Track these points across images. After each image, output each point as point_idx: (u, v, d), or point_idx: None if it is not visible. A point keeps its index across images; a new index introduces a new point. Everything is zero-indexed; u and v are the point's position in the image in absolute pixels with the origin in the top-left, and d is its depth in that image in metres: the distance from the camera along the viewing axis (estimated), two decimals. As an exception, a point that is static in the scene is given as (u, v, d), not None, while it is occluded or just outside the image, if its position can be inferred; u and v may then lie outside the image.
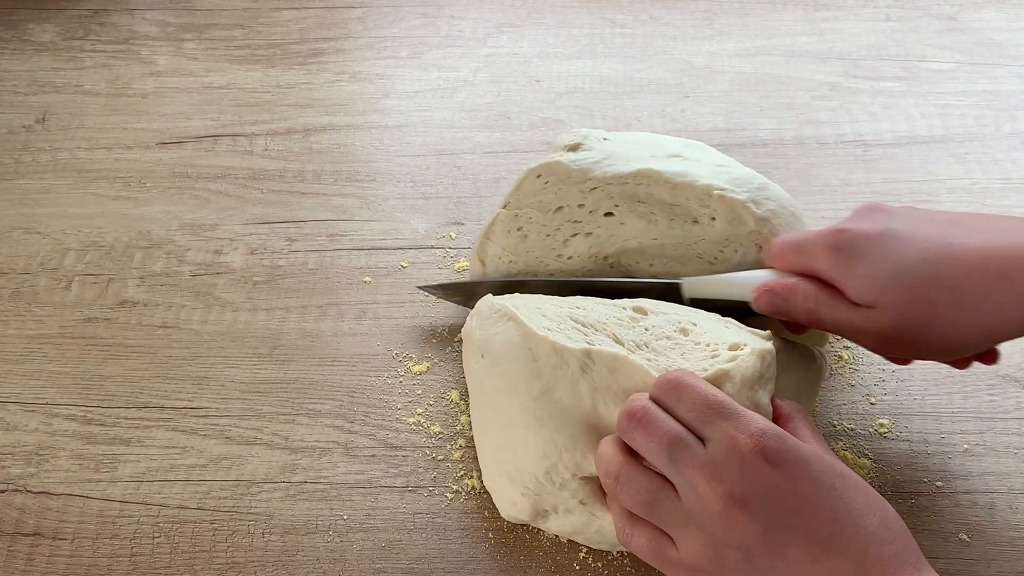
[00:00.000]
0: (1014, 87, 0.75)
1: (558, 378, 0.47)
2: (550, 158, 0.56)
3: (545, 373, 0.47)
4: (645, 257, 0.55)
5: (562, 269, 0.56)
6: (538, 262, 0.56)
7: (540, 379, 0.47)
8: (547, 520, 0.49)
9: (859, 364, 0.57)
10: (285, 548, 0.50)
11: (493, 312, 0.51)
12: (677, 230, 0.54)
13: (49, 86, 0.78)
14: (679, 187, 0.54)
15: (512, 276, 0.57)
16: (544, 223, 0.56)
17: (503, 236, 0.57)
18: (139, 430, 0.55)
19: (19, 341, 0.60)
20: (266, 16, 0.85)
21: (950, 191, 0.67)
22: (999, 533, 0.49)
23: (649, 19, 0.84)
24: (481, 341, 0.51)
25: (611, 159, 0.56)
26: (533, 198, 0.56)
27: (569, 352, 0.47)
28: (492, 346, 0.50)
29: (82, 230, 0.67)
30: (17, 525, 0.51)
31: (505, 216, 0.57)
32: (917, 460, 0.52)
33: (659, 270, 0.55)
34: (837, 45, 0.80)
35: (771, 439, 0.41)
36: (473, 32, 0.83)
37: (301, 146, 0.73)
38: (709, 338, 0.48)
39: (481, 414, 0.51)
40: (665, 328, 0.49)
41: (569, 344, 0.47)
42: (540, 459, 0.47)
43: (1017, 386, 0.55)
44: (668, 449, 0.42)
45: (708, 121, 0.74)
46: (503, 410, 0.49)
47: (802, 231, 0.50)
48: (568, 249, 0.56)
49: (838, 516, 0.40)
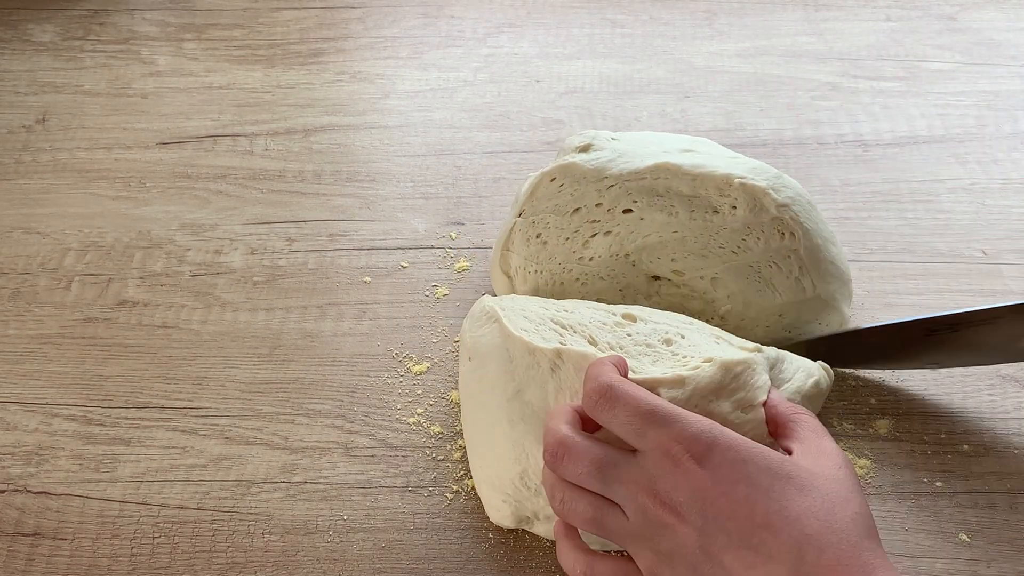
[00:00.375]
0: (1014, 87, 0.75)
1: (529, 378, 0.47)
2: (563, 160, 0.56)
3: (519, 374, 0.47)
4: (666, 252, 0.55)
5: (585, 272, 0.56)
6: (561, 268, 0.56)
7: (514, 380, 0.47)
8: (532, 526, 0.49)
9: (859, 364, 0.57)
10: (285, 548, 0.50)
11: (483, 314, 0.51)
12: (698, 221, 0.54)
13: (49, 86, 0.78)
14: (698, 178, 0.54)
15: (541, 287, 0.56)
16: (562, 227, 0.56)
17: (523, 245, 0.57)
18: (139, 430, 0.55)
19: (19, 341, 0.60)
20: (266, 16, 0.85)
21: (950, 191, 0.67)
22: (999, 533, 0.49)
23: (649, 19, 0.84)
24: (470, 343, 0.51)
25: (625, 156, 0.56)
26: (549, 202, 0.56)
27: (541, 352, 0.47)
28: (479, 348, 0.50)
29: (82, 230, 0.67)
30: (17, 525, 0.51)
31: (522, 224, 0.57)
32: (917, 460, 0.52)
33: (681, 265, 0.55)
34: (837, 45, 0.80)
35: (703, 442, 0.39)
36: (473, 32, 0.83)
37: (301, 146, 0.73)
38: (691, 351, 0.47)
39: (469, 417, 0.51)
40: (649, 336, 0.48)
41: (542, 344, 0.47)
42: (514, 462, 0.47)
43: (1017, 386, 0.55)
44: (599, 473, 0.41)
45: (708, 121, 0.74)
46: (484, 412, 0.49)
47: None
48: (589, 250, 0.56)
49: (771, 520, 0.38)
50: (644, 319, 0.50)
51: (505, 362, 0.48)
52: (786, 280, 0.54)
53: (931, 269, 0.62)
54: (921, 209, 0.66)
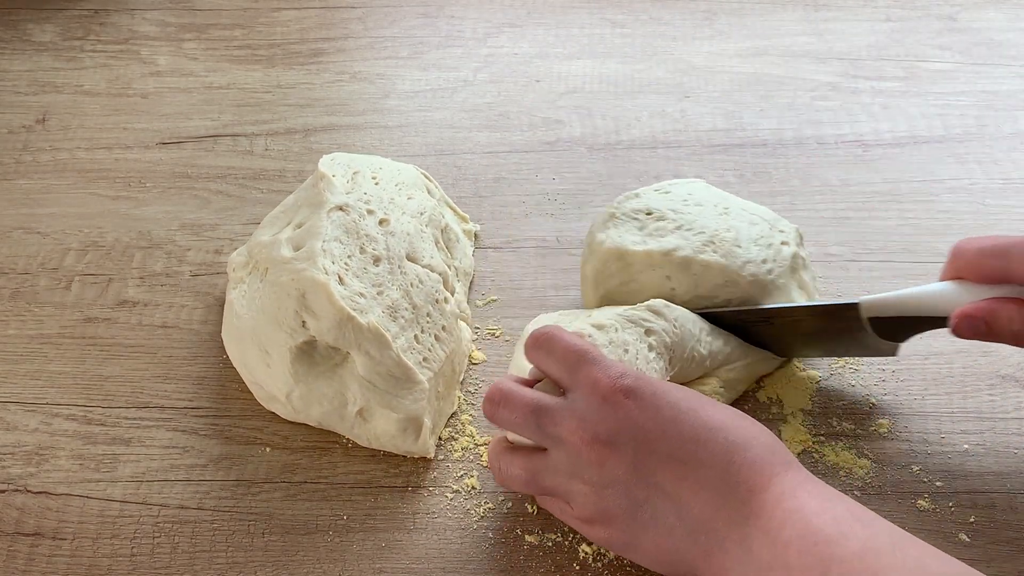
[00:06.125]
0: (1014, 87, 0.76)
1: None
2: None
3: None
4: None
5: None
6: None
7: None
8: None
9: (859, 364, 0.57)
10: (285, 548, 0.50)
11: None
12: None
13: (49, 86, 0.78)
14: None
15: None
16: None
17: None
18: (139, 430, 0.55)
19: (19, 341, 0.60)
20: (266, 16, 0.85)
21: (950, 191, 0.67)
22: (999, 533, 0.49)
23: (649, 19, 0.84)
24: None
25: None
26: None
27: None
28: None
29: (82, 230, 0.67)
30: (17, 525, 0.51)
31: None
32: (917, 460, 0.52)
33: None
34: (837, 45, 0.80)
35: (628, 377, 0.43)
36: (473, 32, 0.83)
37: (301, 146, 0.73)
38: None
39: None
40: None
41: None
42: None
43: (1017, 386, 0.55)
44: (533, 417, 0.45)
45: (708, 121, 0.74)
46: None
47: (991, 236, 0.47)
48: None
49: (698, 433, 0.42)
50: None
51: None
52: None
53: (931, 269, 0.62)
54: (921, 209, 0.66)
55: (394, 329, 0.52)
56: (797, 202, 0.67)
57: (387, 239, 0.55)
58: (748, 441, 0.42)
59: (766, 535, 0.39)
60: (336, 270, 0.52)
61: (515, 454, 0.46)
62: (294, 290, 0.51)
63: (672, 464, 0.42)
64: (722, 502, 0.41)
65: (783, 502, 0.40)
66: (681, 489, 0.41)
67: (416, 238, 0.56)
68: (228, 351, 0.57)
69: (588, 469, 0.43)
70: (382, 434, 0.52)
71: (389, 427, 0.52)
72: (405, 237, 0.56)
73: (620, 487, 0.43)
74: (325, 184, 0.56)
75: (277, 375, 0.53)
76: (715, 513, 0.41)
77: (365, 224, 0.55)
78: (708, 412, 0.43)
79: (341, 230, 0.54)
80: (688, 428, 0.42)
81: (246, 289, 0.56)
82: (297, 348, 0.52)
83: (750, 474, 0.41)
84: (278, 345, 0.52)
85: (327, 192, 0.55)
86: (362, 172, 0.59)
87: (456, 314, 0.56)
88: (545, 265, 0.63)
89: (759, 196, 0.66)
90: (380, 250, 0.54)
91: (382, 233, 0.55)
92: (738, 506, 0.40)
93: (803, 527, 0.38)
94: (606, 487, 0.43)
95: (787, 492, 0.40)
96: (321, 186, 0.56)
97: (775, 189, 0.68)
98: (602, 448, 0.42)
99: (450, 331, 0.55)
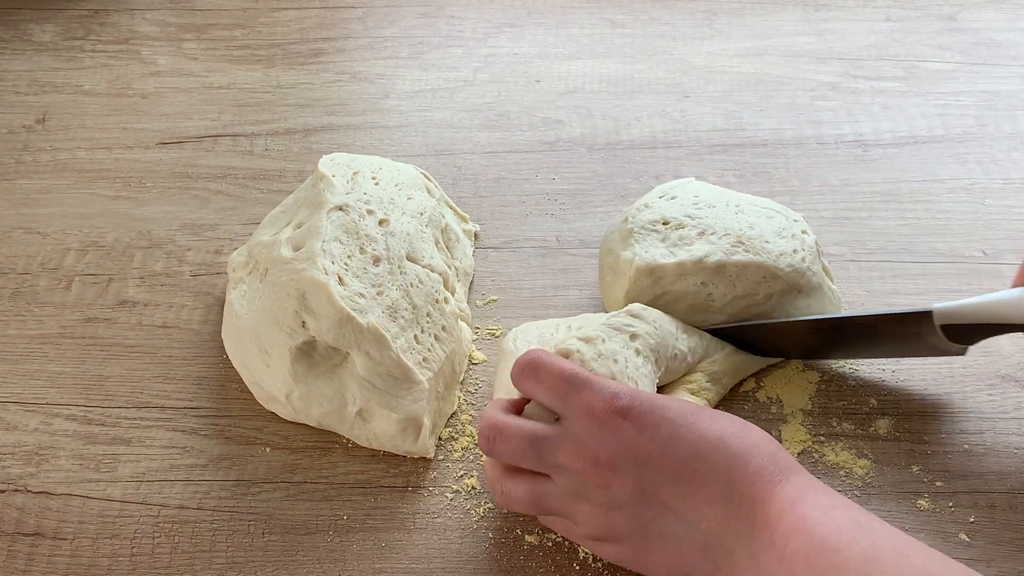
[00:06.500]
0: (1014, 87, 0.75)
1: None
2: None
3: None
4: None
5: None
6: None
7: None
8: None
9: (859, 364, 0.57)
10: (285, 548, 0.50)
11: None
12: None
13: (49, 86, 0.78)
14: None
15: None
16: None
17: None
18: (139, 430, 0.55)
19: (19, 341, 0.60)
20: (266, 16, 0.85)
21: (950, 191, 0.67)
22: (999, 533, 0.49)
23: (649, 19, 0.84)
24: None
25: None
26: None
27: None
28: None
29: (82, 230, 0.67)
30: (17, 525, 0.51)
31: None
32: (917, 460, 0.52)
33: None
34: (837, 45, 0.80)
35: (622, 398, 0.43)
36: (473, 32, 0.83)
37: (301, 146, 0.73)
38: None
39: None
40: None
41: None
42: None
43: (1017, 386, 0.55)
44: (531, 448, 0.44)
45: (708, 121, 0.74)
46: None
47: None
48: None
49: (698, 448, 0.42)
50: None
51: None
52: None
53: (931, 269, 0.62)
54: (921, 209, 0.66)
55: (394, 329, 0.52)
56: (797, 202, 0.67)
57: (387, 239, 0.55)
58: (748, 450, 0.42)
59: (772, 547, 0.39)
60: (336, 270, 0.52)
61: (517, 478, 0.46)
62: (294, 290, 0.51)
63: (676, 482, 0.42)
64: (728, 517, 0.41)
65: (787, 513, 0.40)
66: (687, 506, 0.42)
67: (416, 238, 0.56)
68: (228, 351, 0.57)
69: (593, 492, 0.43)
70: (382, 434, 0.52)
71: (389, 427, 0.52)
72: (405, 237, 0.56)
73: (627, 508, 0.43)
74: (325, 184, 0.56)
75: (277, 375, 0.53)
76: (722, 528, 0.41)
77: (365, 224, 0.55)
78: (706, 423, 0.43)
79: (341, 230, 0.54)
80: (688, 444, 0.42)
81: (246, 289, 0.56)
82: (297, 348, 0.52)
83: (753, 486, 0.41)
84: (278, 345, 0.52)
85: (327, 192, 0.55)
86: (362, 172, 0.59)
87: (456, 314, 0.56)
88: (545, 265, 0.63)
89: (759, 196, 0.66)
90: (380, 250, 0.54)
91: (382, 233, 0.55)
92: (744, 519, 0.41)
93: (808, 538, 0.39)
94: (613, 508, 0.43)
95: (791, 502, 0.40)
96: (321, 186, 0.56)
97: (775, 189, 0.68)
98: (605, 472, 0.42)
99: (450, 331, 0.55)
